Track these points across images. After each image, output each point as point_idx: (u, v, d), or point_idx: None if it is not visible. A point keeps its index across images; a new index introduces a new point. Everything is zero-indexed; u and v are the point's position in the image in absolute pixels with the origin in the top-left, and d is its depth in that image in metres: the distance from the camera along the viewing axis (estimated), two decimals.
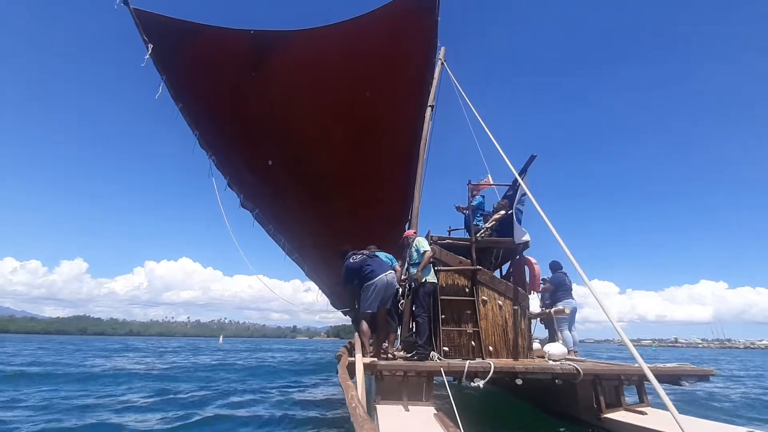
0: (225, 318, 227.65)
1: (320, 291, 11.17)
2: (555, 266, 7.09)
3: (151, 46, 5.71)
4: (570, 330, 6.48)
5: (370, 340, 4.94)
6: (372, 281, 4.91)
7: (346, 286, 5.36)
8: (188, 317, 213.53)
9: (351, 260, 5.16)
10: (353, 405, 2.30)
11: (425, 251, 5.12)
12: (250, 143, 7.09)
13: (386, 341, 5.96)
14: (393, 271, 5.13)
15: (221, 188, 7.19)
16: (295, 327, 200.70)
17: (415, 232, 5.84)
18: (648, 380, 4.14)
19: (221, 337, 57.57)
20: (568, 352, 5.94)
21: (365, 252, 5.33)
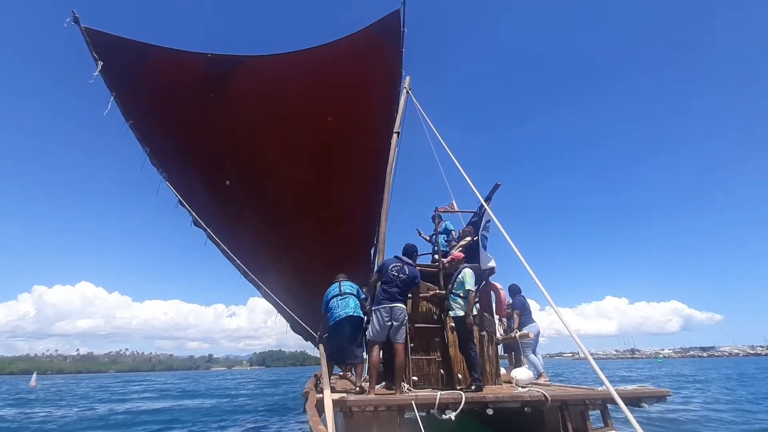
0: (126, 349, 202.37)
1: (278, 314, 10.88)
2: (515, 290, 7.09)
3: (101, 63, 5.75)
4: (534, 353, 6.69)
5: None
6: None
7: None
8: (77, 350, 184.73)
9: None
10: None
11: (469, 290, 5.11)
12: (207, 162, 7.09)
13: (352, 372, 5.94)
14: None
15: (171, 206, 7.01)
16: (210, 356, 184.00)
17: (464, 257, 5.86)
18: (611, 403, 4.61)
19: (34, 376, 43.18)
20: (539, 375, 6.23)
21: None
